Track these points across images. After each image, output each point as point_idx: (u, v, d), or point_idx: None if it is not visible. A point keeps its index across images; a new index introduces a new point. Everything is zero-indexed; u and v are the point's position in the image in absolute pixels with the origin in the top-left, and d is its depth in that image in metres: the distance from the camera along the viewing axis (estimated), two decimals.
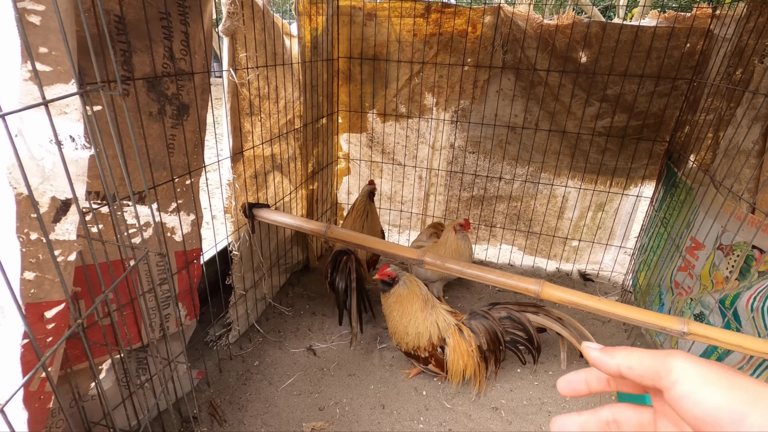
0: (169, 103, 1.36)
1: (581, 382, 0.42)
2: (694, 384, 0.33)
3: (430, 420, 1.69)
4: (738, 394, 0.31)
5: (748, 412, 0.30)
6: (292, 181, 2.29)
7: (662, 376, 0.35)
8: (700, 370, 0.34)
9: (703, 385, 0.33)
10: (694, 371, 0.34)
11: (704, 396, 0.32)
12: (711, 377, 0.33)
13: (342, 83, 2.76)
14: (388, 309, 1.80)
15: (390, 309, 1.79)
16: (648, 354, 0.37)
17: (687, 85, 2.23)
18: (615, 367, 0.38)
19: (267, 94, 1.89)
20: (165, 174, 1.41)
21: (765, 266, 1.43)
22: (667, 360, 0.35)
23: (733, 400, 0.31)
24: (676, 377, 0.34)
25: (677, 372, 0.34)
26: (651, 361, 0.36)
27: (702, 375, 0.33)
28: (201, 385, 1.78)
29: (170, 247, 1.48)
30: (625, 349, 0.38)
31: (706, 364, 0.34)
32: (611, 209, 2.68)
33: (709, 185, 1.76)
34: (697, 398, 0.33)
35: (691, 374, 0.34)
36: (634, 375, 0.37)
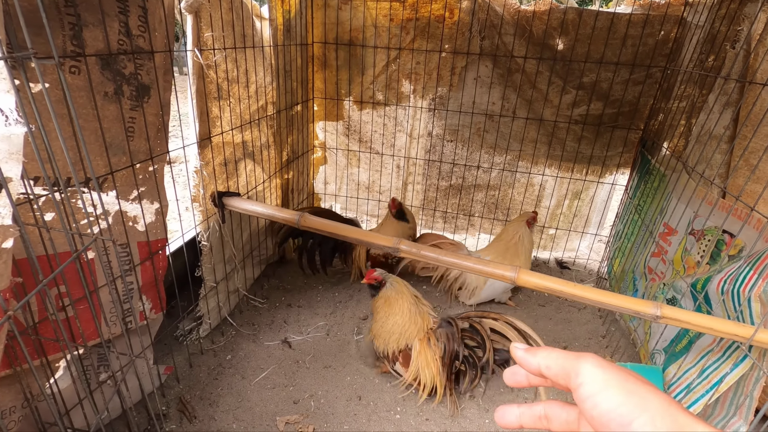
0: (127, 83, 1.28)
1: (522, 375, 0.45)
2: (595, 387, 0.35)
3: (407, 410, 1.66)
4: (630, 398, 0.33)
5: (637, 416, 0.32)
6: (265, 169, 2.21)
7: (572, 378, 0.37)
8: (604, 374, 0.36)
9: (602, 388, 0.35)
10: (599, 375, 0.36)
11: (601, 399, 0.35)
12: (612, 382, 0.35)
13: (317, 69, 2.69)
14: (376, 311, 1.76)
15: (377, 311, 1.75)
16: (563, 355, 0.39)
17: (661, 73, 2.25)
18: (536, 366, 0.41)
19: (236, 77, 1.81)
20: (124, 159, 1.32)
21: (735, 250, 1.45)
22: (577, 362, 0.37)
23: (624, 404, 0.33)
24: (582, 380, 0.36)
25: (584, 375, 0.36)
26: (564, 362, 0.39)
27: (604, 379, 0.35)
28: (170, 380, 1.71)
29: (132, 237, 1.40)
30: (546, 350, 0.41)
31: (612, 369, 0.36)
32: (587, 197, 2.70)
33: (681, 171, 1.78)
34: (595, 400, 0.35)
35: (596, 378, 0.36)
36: (551, 374, 0.40)
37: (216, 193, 1.78)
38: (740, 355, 1.32)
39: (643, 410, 0.33)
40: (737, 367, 1.32)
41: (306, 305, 2.26)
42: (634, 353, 1.99)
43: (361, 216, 3.18)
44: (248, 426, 1.55)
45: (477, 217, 2.90)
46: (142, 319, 1.49)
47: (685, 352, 1.54)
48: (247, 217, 2.10)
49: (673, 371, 1.55)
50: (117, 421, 1.49)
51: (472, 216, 2.90)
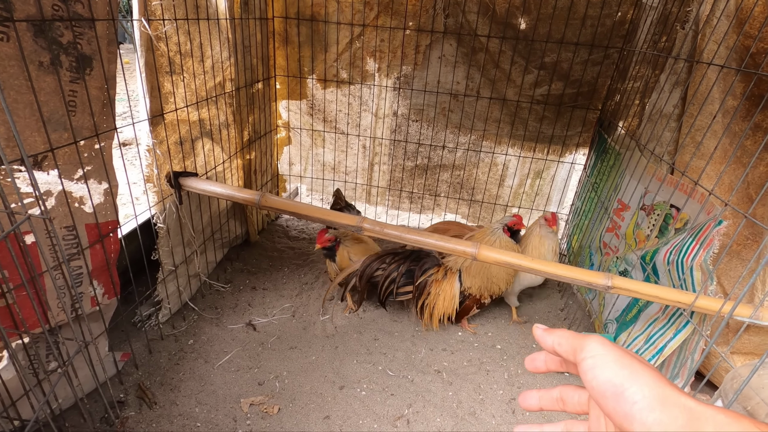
0: (65, 53, 1.19)
1: (541, 361, 0.49)
2: (596, 361, 0.39)
3: (373, 387, 1.69)
4: (624, 371, 0.37)
5: (629, 387, 0.36)
6: (225, 149, 2.14)
7: (577, 353, 0.41)
8: (604, 350, 0.39)
9: (601, 362, 0.39)
10: (599, 351, 0.40)
11: (600, 371, 0.38)
12: (609, 357, 0.39)
13: (279, 45, 2.60)
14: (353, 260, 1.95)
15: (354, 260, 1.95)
16: (573, 335, 0.43)
17: (618, 54, 2.31)
18: (551, 344, 0.45)
19: (190, 51, 1.72)
20: (66, 136, 1.24)
21: (680, 223, 1.53)
22: (584, 340, 0.42)
23: (618, 376, 0.37)
24: (585, 354, 0.40)
25: (588, 350, 0.40)
26: (573, 341, 0.43)
27: (603, 354, 0.39)
28: (128, 367, 1.66)
29: (79, 219, 1.32)
30: (560, 330, 0.45)
31: (611, 347, 0.40)
32: (548, 176, 2.77)
33: (634, 149, 1.84)
34: (594, 373, 0.39)
35: (596, 353, 0.40)
36: (562, 350, 0.44)
37: (171, 173, 1.71)
38: (683, 321, 1.40)
39: (634, 381, 0.36)
40: (680, 333, 1.40)
41: (271, 288, 2.23)
42: (590, 324, 2.09)
43: (327, 197, 3.15)
44: (211, 409, 1.53)
45: (443, 197, 2.92)
46: (94, 304, 1.43)
47: (634, 321, 1.63)
48: (207, 198, 2.03)
49: (624, 339, 1.63)
50: (71, 410, 1.44)
51: (438, 196, 2.92)
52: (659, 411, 0.34)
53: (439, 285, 1.96)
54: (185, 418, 1.49)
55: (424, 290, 1.96)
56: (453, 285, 1.95)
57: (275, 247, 2.62)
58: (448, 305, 1.95)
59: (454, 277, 1.96)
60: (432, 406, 1.62)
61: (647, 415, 0.34)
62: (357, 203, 3.09)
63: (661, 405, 0.34)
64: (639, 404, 0.35)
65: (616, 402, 0.36)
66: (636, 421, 0.35)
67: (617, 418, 0.36)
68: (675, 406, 0.34)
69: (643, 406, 0.35)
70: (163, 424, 1.46)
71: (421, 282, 1.95)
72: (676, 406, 0.34)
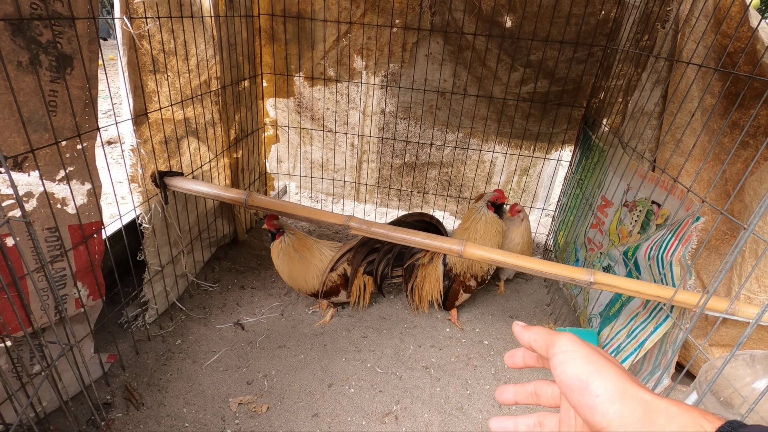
0: (45, 53, 1.17)
1: (519, 357, 0.52)
2: (566, 356, 0.42)
3: (362, 384, 1.70)
4: (589, 367, 0.40)
5: (593, 381, 0.38)
6: (211, 148, 2.12)
7: (549, 349, 0.44)
8: (574, 347, 0.42)
9: (570, 358, 0.41)
10: (570, 348, 0.42)
11: (568, 366, 0.41)
12: (577, 353, 0.41)
13: (265, 43, 2.58)
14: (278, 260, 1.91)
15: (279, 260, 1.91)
16: (548, 332, 0.46)
17: (602, 52, 2.34)
18: (527, 340, 0.48)
19: (174, 49, 1.70)
20: (47, 136, 1.22)
21: (661, 219, 1.56)
22: (556, 337, 0.44)
23: (584, 371, 0.40)
24: (556, 350, 0.43)
25: (558, 346, 0.43)
26: (547, 337, 0.45)
27: (573, 350, 0.42)
28: (115, 369, 1.65)
29: (61, 220, 1.31)
30: (536, 328, 0.48)
31: (581, 344, 0.42)
32: (535, 173, 2.80)
33: (617, 146, 1.87)
34: (563, 368, 0.41)
35: (567, 349, 0.42)
36: (537, 346, 0.46)
37: (156, 173, 1.69)
38: (663, 315, 1.44)
39: (598, 376, 0.39)
40: (660, 327, 1.44)
41: (260, 287, 2.23)
42: (575, 319, 2.12)
43: (316, 195, 3.15)
44: (199, 409, 1.53)
45: (431, 194, 2.94)
46: (79, 306, 1.42)
47: (617, 316, 1.66)
48: (193, 198, 2.02)
49: (607, 333, 1.67)
50: (57, 413, 1.43)
51: (426, 193, 2.94)
52: (619, 404, 0.37)
53: (426, 268, 2.01)
54: (173, 418, 1.49)
55: (412, 273, 2.02)
56: (437, 267, 2.01)
57: (264, 245, 2.62)
58: (434, 287, 2.02)
59: (439, 260, 2.00)
60: (420, 402, 1.64)
61: (608, 407, 0.37)
62: (346, 201, 3.10)
63: (621, 398, 0.37)
64: (601, 397, 0.38)
65: (581, 395, 0.39)
66: (598, 413, 0.37)
67: (582, 410, 0.39)
68: (633, 399, 0.37)
69: (604, 399, 0.37)
70: (150, 425, 1.46)
71: (410, 264, 2.01)
72: (634, 399, 0.37)
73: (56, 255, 1.31)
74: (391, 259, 2.00)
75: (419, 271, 2.04)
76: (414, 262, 2.05)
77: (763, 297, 1.35)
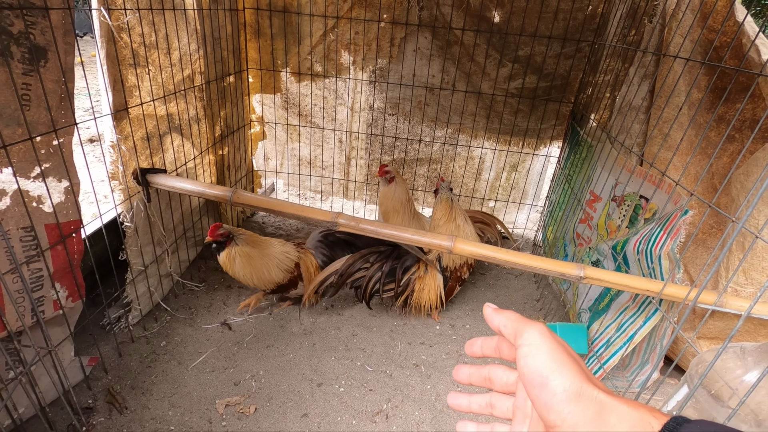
0: (17, 44, 1.12)
1: (477, 346, 0.52)
2: (531, 349, 0.41)
3: (351, 383, 1.68)
4: (553, 364, 0.40)
5: (552, 379, 0.39)
6: (195, 145, 2.08)
7: (517, 338, 0.43)
8: (541, 341, 0.42)
9: (536, 352, 0.41)
10: (538, 340, 0.42)
11: (532, 360, 0.41)
12: (543, 348, 0.41)
13: (250, 38, 2.53)
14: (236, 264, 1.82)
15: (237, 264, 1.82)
16: (519, 319, 0.45)
17: (589, 47, 2.34)
18: (497, 324, 0.47)
19: (155, 42, 1.65)
20: (20, 131, 1.18)
21: (649, 213, 1.56)
22: (525, 327, 0.43)
23: (546, 367, 0.40)
24: (523, 341, 0.42)
25: (526, 337, 0.42)
26: (517, 325, 0.45)
27: (540, 345, 0.41)
28: (97, 372, 1.60)
29: (37, 219, 1.26)
30: (508, 312, 0.47)
31: (549, 339, 0.42)
32: (524, 169, 2.80)
33: (605, 141, 1.88)
34: (527, 360, 0.41)
35: (534, 342, 0.42)
36: (506, 332, 0.46)
37: (138, 170, 1.64)
38: (652, 309, 1.44)
39: (559, 374, 0.39)
40: (649, 320, 1.44)
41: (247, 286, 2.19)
42: (564, 314, 2.13)
43: (304, 192, 3.11)
44: (185, 412, 1.49)
45: (420, 191, 2.92)
46: (57, 308, 1.37)
47: (606, 310, 1.66)
48: (177, 196, 1.97)
49: (596, 327, 1.67)
50: (35, 419, 1.38)
51: (416, 190, 2.92)
52: (574, 404, 0.38)
53: (423, 281, 1.97)
54: (158, 422, 1.45)
55: (407, 288, 1.97)
56: (435, 277, 1.98)
57: None
58: (433, 297, 1.99)
59: (434, 270, 1.98)
60: (411, 400, 1.62)
61: (564, 407, 0.38)
62: (334, 198, 3.07)
63: (576, 399, 0.38)
64: (558, 396, 0.38)
65: (540, 391, 0.39)
66: (553, 411, 0.38)
67: (538, 406, 0.40)
68: (588, 399, 0.38)
69: (561, 399, 0.38)
70: (134, 429, 1.42)
71: (405, 281, 1.96)
72: (588, 400, 0.38)
73: (32, 255, 1.26)
74: (382, 278, 1.92)
75: (416, 285, 1.98)
76: (410, 277, 1.98)
77: (750, 290, 1.36)
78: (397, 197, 2.26)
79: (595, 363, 1.59)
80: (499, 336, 0.49)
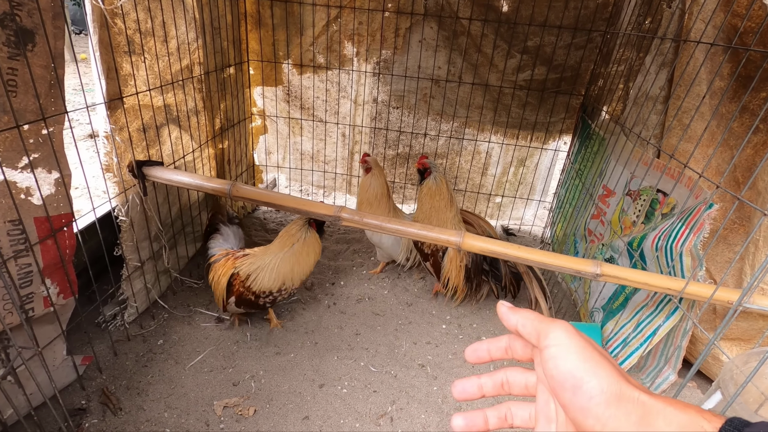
0: (1, 26, 1.06)
1: (484, 351, 0.47)
2: (560, 350, 0.38)
3: (355, 384, 1.62)
4: (586, 365, 0.36)
5: (588, 380, 0.36)
6: (194, 137, 2.01)
7: (541, 339, 0.40)
8: (569, 340, 0.38)
9: (565, 352, 0.38)
10: (564, 340, 0.38)
11: (562, 361, 0.37)
12: (573, 348, 0.38)
13: (251, 28, 2.47)
14: (420, 201, 1.95)
15: (422, 201, 1.95)
16: (539, 318, 0.41)
17: (601, 38, 2.26)
18: (514, 323, 0.43)
19: (151, 30, 1.59)
20: (6, 119, 1.11)
21: (667, 208, 1.49)
22: (549, 326, 0.40)
23: (580, 368, 0.36)
24: (549, 342, 0.39)
25: (552, 337, 0.39)
26: (539, 324, 0.41)
27: (568, 344, 0.38)
28: (91, 371, 1.55)
29: (25, 212, 1.20)
30: (525, 311, 0.43)
31: (577, 337, 0.38)
32: (531, 164, 2.73)
33: (619, 134, 1.80)
34: (557, 362, 0.38)
35: (561, 342, 0.38)
36: (525, 332, 0.42)
37: (134, 163, 1.58)
38: (672, 307, 1.37)
39: (594, 375, 0.36)
40: (669, 319, 1.37)
41: None
42: (575, 313, 2.06)
43: (307, 187, 3.05)
44: (182, 413, 1.44)
45: None
46: (48, 305, 1.31)
47: (622, 309, 1.59)
48: (175, 189, 1.91)
49: (611, 327, 1.60)
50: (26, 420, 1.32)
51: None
52: (615, 407, 0.34)
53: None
54: (153, 423, 1.39)
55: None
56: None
57: (252, 240, 2.51)
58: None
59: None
60: (416, 402, 1.56)
61: (603, 410, 0.34)
62: (337, 193, 3.00)
63: (617, 401, 0.34)
64: (596, 399, 0.35)
65: (574, 394, 0.36)
66: (591, 416, 0.35)
67: (572, 410, 0.36)
68: (629, 401, 0.34)
69: (599, 401, 0.35)
70: (128, 431, 1.36)
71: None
72: (630, 402, 0.34)
73: (20, 249, 1.20)
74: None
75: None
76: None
77: None
78: (372, 190, 2.12)
79: None
80: (510, 336, 0.46)
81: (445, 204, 1.96)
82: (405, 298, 2.14)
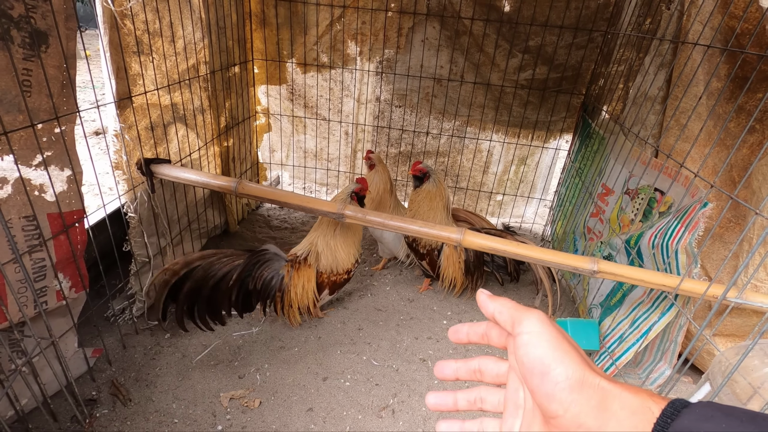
0: (17, 28, 1.10)
1: (464, 333, 0.49)
2: (532, 337, 0.40)
3: (357, 377, 1.65)
4: (555, 353, 0.39)
5: (554, 367, 0.38)
6: (200, 135, 2.05)
7: (516, 326, 0.42)
8: (541, 329, 0.40)
9: (537, 340, 0.40)
10: (538, 328, 0.40)
11: (533, 348, 0.40)
12: (545, 336, 0.40)
13: (256, 27, 2.50)
14: (417, 204, 1.99)
15: (419, 204, 1.98)
16: (515, 306, 0.43)
17: (602, 37, 2.28)
18: (491, 311, 0.45)
19: (159, 30, 1.62)
20: (21, 118, 1.15)
21: (664, 207, 1.52)
22: (524, 314, 0.42)
23: (549, 356, 0.39)
24: (522, 329, 0.41)
25: (526, 324, 0.41)
26: (514, 312, 0.43)
27: (540, 333, 0.40)
28: (101, 364, 1.59)
29: (39, 208, 1.24)
30: (503, 299, 0.45)
31: (550, 327, 0.40)
32: (532, 162, 2.75)
33: (618, 133, 1.83)
34: (527, 349, 0.40)
35: (535, 329, 0.40)
36: (501, 319, 0.44)
37: (142, 160, 1.62)
38: (667, 304, 1.40)
39: (561, 363, 0.38)
40: (664, 316, 1.40)
41: None
42: (574, 309, 2.09)
43: (310, 185, 3.08)
44: (189, 404, 1.48)
45: None
46: (60, 298, 1.35)
47: (619, 305, 1.62)
48: (182, 186, 1.95)
49: (608, 323, 1.63)
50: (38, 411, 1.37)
51: None
52: (577, 392, 0.37)
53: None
54: (161, 414, 1.44)
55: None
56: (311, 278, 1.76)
57: (256, 237, 2.55)
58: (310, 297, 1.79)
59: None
60: (417, 395, 1.60)
61: (567, 395, 0.37)
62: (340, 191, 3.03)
63: (579, 387, 0.37)
64: (561, 384, 0.37)
65: (541, 380, 0.38)
66: (555, 400, 0.37)
67: (539, 395, 0.38)
68: (590, 387, 0.37)
69: (564, 387, 0.37)
70: (138, 421, 1.41)
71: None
72: (591, 387, 0.37)
73: (34, 245, 1.24)
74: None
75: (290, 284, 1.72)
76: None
77: None
78: (375, 186, 2.17)
79: (607, 359, 1.56)
80: (489, 323, 0.47)
81: (442, 206, 2.00)
82: (407, 294, 2.17)
